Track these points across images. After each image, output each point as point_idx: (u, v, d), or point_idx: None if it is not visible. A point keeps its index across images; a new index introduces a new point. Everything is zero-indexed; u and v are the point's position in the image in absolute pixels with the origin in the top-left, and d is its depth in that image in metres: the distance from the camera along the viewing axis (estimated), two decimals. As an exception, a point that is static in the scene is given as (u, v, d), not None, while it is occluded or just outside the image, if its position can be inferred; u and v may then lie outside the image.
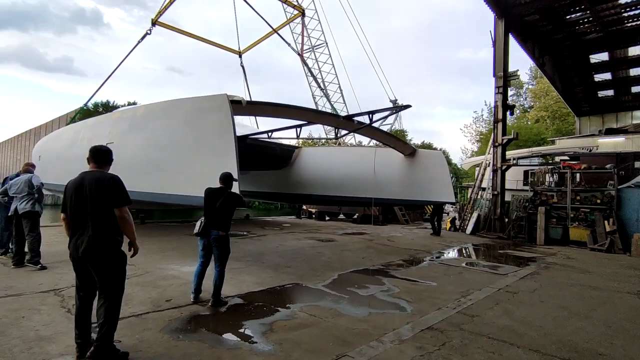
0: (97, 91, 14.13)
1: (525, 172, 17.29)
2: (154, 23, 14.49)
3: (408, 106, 12.01)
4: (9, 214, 5.98)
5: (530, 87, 43.09)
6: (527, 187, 14.44)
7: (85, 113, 18.86)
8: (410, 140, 66.71)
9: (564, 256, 9.88)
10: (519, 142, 28.98)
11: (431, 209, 21.34)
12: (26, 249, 6.05)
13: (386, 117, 12.17)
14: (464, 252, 10.31)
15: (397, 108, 12.22)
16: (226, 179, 4.86)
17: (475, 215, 14.57)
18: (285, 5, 19.40)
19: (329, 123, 13.70)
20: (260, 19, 16.39)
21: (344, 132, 14.10)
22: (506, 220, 14.05)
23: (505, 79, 14.42)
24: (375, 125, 12.38)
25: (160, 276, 5.86)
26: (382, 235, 12.66)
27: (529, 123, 38.42)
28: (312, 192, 16.95)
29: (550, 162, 16.73)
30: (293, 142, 18.51)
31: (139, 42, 14.29)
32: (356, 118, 11.84)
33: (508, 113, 14.69)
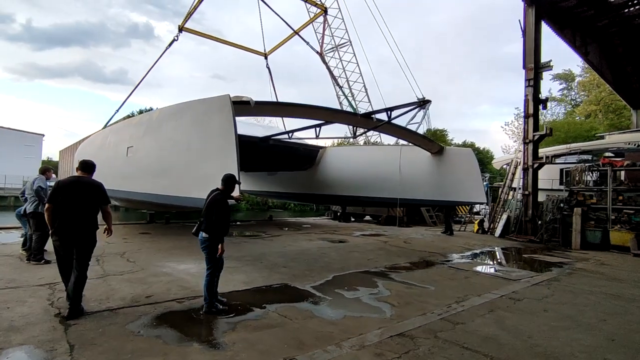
0: (127, 97, 14.94)
1: (562, 171, 15.95)
2: (181, 29, 14.97)
3: (427, 101, 11.47)
4: (20, 213, 6.47)
5: (580, 79, 39.84)
6: (563, 187, 13.26)
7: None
8: (451, 140, 64.03)
9: (597, 262, 8.96)
10: (566, 139, 26.95)
11: (462, 210, 20.47)
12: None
13: (405, 112, 11.63)
14: (482, 255, 9.67)
15: (415, 103, 11.64)
16: (226, 181, 4.62)
17: (504, 216, 13.66)
18: (308, 5, 19.41)
19: (346, 121, 13.47)
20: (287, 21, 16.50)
21: (361, 130, 13.77)
22: (539, 222, 13.03)
23: (536, 70, 13.41)
24: (403, 125, 11.97)
25: (153, 273, 6.03)
26: (400, 237, 12.23)
27: (580, 118, 35.54)
28: (336, 193, 16.78)
29: (592, 159, 15.29)
30: (325, 143, 18.39)
31: (167, 48, 14.78)
32: (375, 116, 11.50)
33: (540, 107, 13.62)
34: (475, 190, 12.62)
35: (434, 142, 13.64)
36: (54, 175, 6.94)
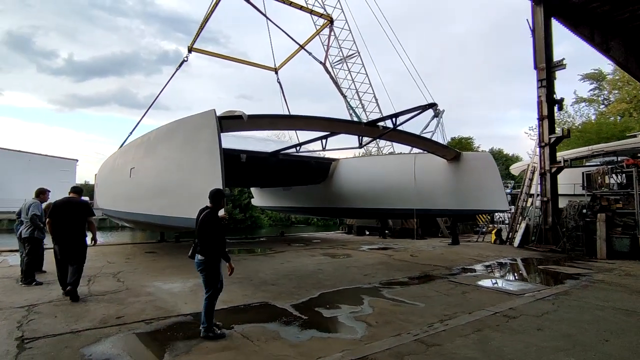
0: (141, 119, 15.24)
1: (584, 174, 14.96)
2: (190, 50, 15.13)
3: (433, 104, 10.88)
4: (17, 236, 6.68)
5: (610, 77, 37.70)
6: (585, 192, 12.34)
7: None
8: (477, 147, 61.94)
9: (622, 273, 8.17)
10: (598, 141, 25.29)
11: (483, 219, 19.52)
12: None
13: (410, 118, 11.05)
14: (491, 268, 9.05)
15: (421, 107, 11.02)
16: (213, 196, 4.37)
17: (523, 225, 12.87)
18: (315, 18, 19.48)
19: (350, 131, 13.03)
20: (301, 35, 16.47)
21: (367, 139, 13.27)
22: (563, 230, 12.15)
23: (549, 70, 12.77)
24: (417, 134, 11.52)
25: (135, 293, 5.99)
26: (408, 250, 11.75)
27: (612, 119, 33.45)
28: (350, 206, 16.43)
29: (616, 160, 14.22)
30: (340, 155, 18.03)
31: (177, 68, 14.89)
32: (381, 123, 11.08)
33: (556, 108, 12.89)
34: (496, 197, 11.73)
35: (449, 147, 12.93)
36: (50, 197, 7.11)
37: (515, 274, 8.49)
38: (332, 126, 11.03)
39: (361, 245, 13.04)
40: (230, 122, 8.01)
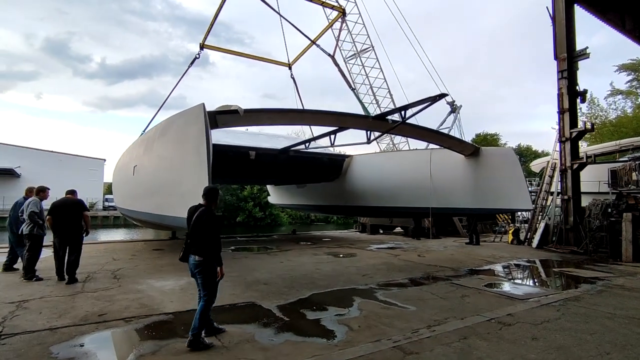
0: (154, 117, 15.42)
1: (610, 171, 13.97)
2: (202, 47, 14.73)
3: (443, 95, 10.14)
4: (19, 233, 6.89)
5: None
6: (610, 189, 11.49)
7: None
8: (504, 144, 59.66)
9: (646, 277, 7.52)
10: (635, 135, 23.61)
11: (503, 218, 18.69)
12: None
13: (420, 110, 10.41)
14: (501, 270, 8.58)
15: (430, 99, 10.35)
16: (208, 193, 4.15)
17: (542, 224, 12.18)
18: (328, 11, 19.01)
19: (358, 125, 12.50)
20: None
21: (376, 134, 12.73)
22: (586, 230, 11.39)
23: (570, 60, 11.99)
24: (432, 128, 10.94)
25: (125, 290, 6.03)
26: (418, 250, 11.38)
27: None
28: (363, 204, 16.03)
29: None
30: (353, 151, 17.71)
31: (190, 65, 14.35)
32: (391, 117, 10.62)
33: (578, 101, 12.09)
34: (518, 195, 10.81)
35: (465, 142, 12.09)
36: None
37: (525, 277, 7.99)
38: (338, 120, 10.59)
39: (370, 244, 12.76)
40: (226, 117, 7.81)
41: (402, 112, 10.06)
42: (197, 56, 14.73)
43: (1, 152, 38.99)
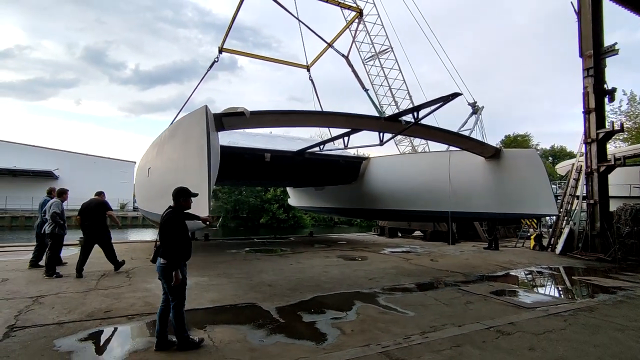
0: (174, 120, 15.95)
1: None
2: (221, 50, 14.89)
3: (457, 94, 9.68)
4: (41, 231, 7.35)
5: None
6: (642, 193, 10.81)
7: None
8: (536, 145, 57.25)
9: (674, 288, 7.02)
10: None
11: (527, 222, 17.94)
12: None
13: (433, 110, 9.92)
14: (515, 277, 8.26)
15: (443, 99, 9.94)
16: (175, 195, 4.17)
17: (566, 230, 11.62)
18: (346, 12, 18.92)
19: (370, 127, 12.15)
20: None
21: (388, 136, 12.41)
22: (614, 236, 10.77)
23: (597, 57, 11.40)
24: (448, 129, 10.59)
25: (135, 289, 6.28)
26: (432, 254, 11.14)
27: None
28: (381, 207, 15.81)
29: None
30: (372, 153, 17.47)
31: (208, 69, 14.38)
32: (404, 118, 9.96)
33: (606, 100, 11.46)
34: (542, 200, 10.29)
35: (485, 143, 11.56)
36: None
37: (539, 285, 7.64)
38: (349, 122, 10.40)
39: (385, 247, 12.62)
40: (233, 119, 7.89)
41: (415, 113, 9.74)
42: (216, 60, 14.92)
43: (42, 155, 41.63)
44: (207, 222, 4.86)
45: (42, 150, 42.52)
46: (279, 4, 13.27)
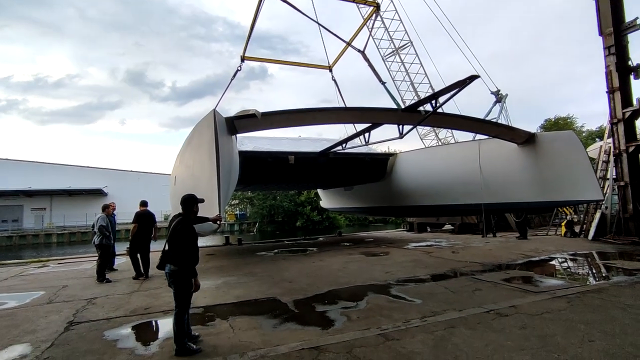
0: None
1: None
2: (243, 59, 15.03)
3: (474, 77, 8.97)
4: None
5: None
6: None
7: None
8: (580, 127, 53.58)
9: (702, 268, 6.78)
10: None
11: (566, 211, 17.28)
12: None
13: (451, 96, 9.17)
14: (534, 264, 8.25)
15: (461, 83, 8.63)
16: (183, 203, 4.30)
17: (597, 215, 11.27)
18: (363, 10, 19.01)
19: (388, 119, 11.69)
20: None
21: (408, 128, 12.07)
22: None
23: (618, 34, 10.98)
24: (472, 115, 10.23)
25: (147, 295, 6.81)
26: (455, 247, 11.22)
27: None
28: (410, 203, 15.63)
29: None
30: (400, 148, 17.34)
31: (232, 78, 14.06)
32: (422, 107, 9.49)
33: (632, 77, 11.00)
34: (584, 184, 9.65)
35: (515, 128, 10.76)
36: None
37: (556, 271, 7.61)
38: (364, 116, 10.07)
39: (409, 243, 12.83)
40: (244, 121, 8.01)
41: (434, 101, 9.12)
42: (239, 68, 14.73)
43: (92, 174, 45.31)
44: (216, 222, 5.00)
45: (93, 170, 46.32)
46: (292, 5, 13.30)
